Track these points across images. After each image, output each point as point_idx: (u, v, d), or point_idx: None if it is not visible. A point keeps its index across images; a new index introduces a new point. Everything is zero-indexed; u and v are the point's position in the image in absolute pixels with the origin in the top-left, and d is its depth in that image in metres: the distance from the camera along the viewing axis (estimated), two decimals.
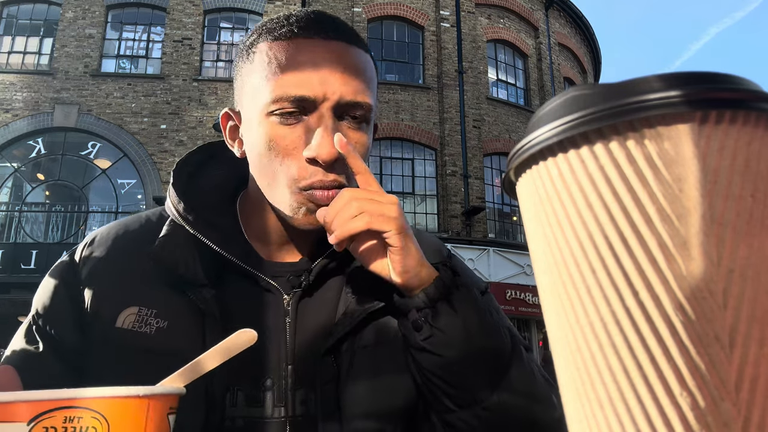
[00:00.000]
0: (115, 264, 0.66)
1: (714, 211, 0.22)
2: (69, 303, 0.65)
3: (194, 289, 0.63)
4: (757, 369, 0.21)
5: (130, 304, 0.63)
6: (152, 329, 0.62)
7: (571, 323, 0.24)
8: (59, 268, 0.68)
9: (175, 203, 0.67)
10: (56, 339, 0.64)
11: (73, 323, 0.64)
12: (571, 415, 0.25)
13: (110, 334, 0.62)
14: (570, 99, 0.24)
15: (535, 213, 0.26)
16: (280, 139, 0.60)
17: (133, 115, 10.95)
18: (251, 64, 0.64)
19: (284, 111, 0.60)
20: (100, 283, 0.65)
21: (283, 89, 0.60)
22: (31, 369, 0.61)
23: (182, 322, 0.63)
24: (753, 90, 0.23)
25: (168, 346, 0.61)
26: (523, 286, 11.39)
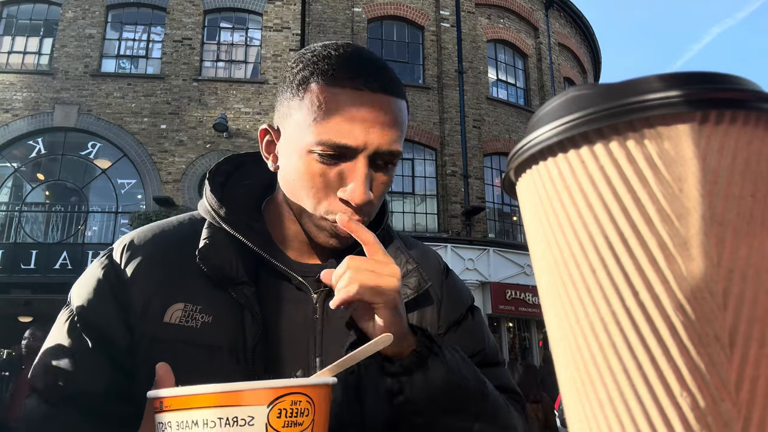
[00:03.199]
0: (158, 264, 0.71)
1: (714, 211, 0.22)
2: (114, 303, 0.69)
3: (235, 287, 0.69)
4: (757, 369, 0.21)
5: (176, 301, 0.68)
6: (198, 323, 0.67)
7: (571, 323, 0.24)
8: (99, 270, 0.71)
9: (216, 208, 0.73)
10: (103, 337, 0.67)
11: (120, 322, 0.68)
12: (571, 415, 0.25)
13: (159, 329, 0.67)
14: (570, 99, 0.24)
15: (535, 213, 0.26)
16: (318, 175, 0.67)
17: (133, 115, 10.95)
18: (300, 101, 0.69)
19: (326, 153, 0.66)
20: (146, 282, 0.69)
21: (329, 135, 0.65)
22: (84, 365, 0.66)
23: (224, 317, 0.68)
24: (753, 90, 0.23)
25: (212, 339, 0.66)
26: (523, 286, 11.39)
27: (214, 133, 10.83)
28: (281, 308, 0.71)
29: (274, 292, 0.72)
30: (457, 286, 0.88)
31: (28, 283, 10.19)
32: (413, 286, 0.76)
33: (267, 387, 0.46)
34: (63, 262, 10.14)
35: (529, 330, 12.03)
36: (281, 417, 0.46)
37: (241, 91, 11.27)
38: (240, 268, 0.70)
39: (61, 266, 10.13)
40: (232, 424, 0.44)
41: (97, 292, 0.70)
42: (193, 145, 10.84)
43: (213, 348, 0.66)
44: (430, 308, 0.80)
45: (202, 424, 0.45)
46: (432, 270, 0.84)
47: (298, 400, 0.47)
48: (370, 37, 12.29)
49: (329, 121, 0.65)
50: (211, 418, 0.44)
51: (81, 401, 0.65)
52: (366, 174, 0.66)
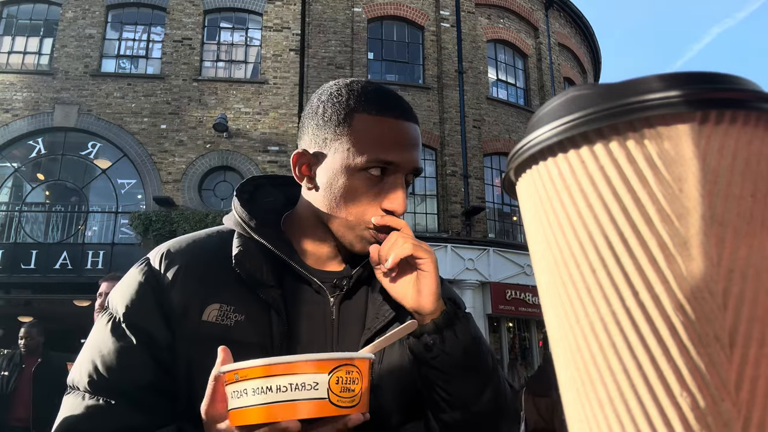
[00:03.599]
0: (195, 270, 0.80)
1: (714, 211, 0.22)
2: (156, 305, 0.77)
3: (264, 290, 0.78)
4: (757, 369, 0.21)
5: (213, 302, 0.77)
6: (232, 322, 0.76)
7: (571, 323, 0.24)
8: (140, 276, 0.80)
9: (248, 220, 0.83)
10: (147, 335, 0.75)
11: (162, 322, 0.76)
12: (571, 415, 0.25)
13: (198, 327, 0.75)
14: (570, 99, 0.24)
15: (535, 213, 0.26)
16: (367, 190, 0.79)
17: (133, 115, 10.95)
18: (349, 128, 0.80)
19: (374, 169, 0.78)
20: (186, 285, 0.78)
21: (377, 155, 0.78)
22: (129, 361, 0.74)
23: (254, 316, 0.77)
24: (753, 90, 0.23)
25: (244, 336, 0.75)
26: (523, 286, 11.39)
27: (214, 133, 10.83)
28: (303, 309, 0.81)
29: (296, 294, 0.81)
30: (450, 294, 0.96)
31: (28, 283, 10.19)
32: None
33: (328, 358, 0.56)
34: (63, 262, 10.14)
35: (529, 330, 12.03)
36: (339, 383, 0.56)
37: (241, 91, 11.27)
38: (268, 273, 0.79)
39: (61, 266, 10.13)
40: (301, 389, 0.54)
41: (139, 296, 0.78)
42: (193, 145, 10.84)
43: (245, 344, 0.73)
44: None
45: (276, 389, 0.54)
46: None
47: (351, 370, 0.57)
48: (370, 37, 12.30)
49: (377, 143, 0.78)
50: (283, 384, 0.54)
51: (128, 394, 0.72)
52: (402, 187, 0.80)
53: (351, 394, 0.56)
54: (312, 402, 0.54)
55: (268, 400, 0.54)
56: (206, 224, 9.82)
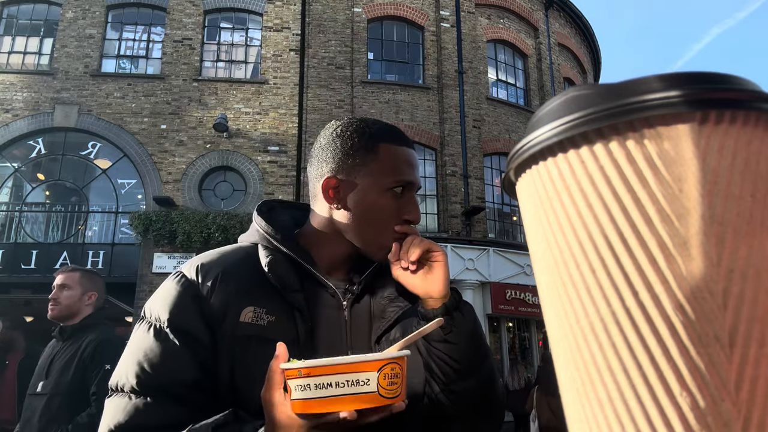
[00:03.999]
0: (230, 278, 0.91)
1: (714, 211, 0.22)
2: (198, 310, 0.87)
3: (290, 294, 0.90)
4: (757, 369, 0.21)
5: (248, 305, 0.88)
6: (265, 322, 0.87)
7: (571, 323, 0.24)
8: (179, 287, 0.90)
9: (273, 234, 0.97)
10: (191, 338, 0.85)
11: (203, 325, 0.86)
12: (571, 415, 0.25)
13: (237, 327, 0.86)
14: (570, 99, 0.24)
15: (534, 213, 0.26)
16: (391, 204, 0.95)
17: (133, 115, 10.94)
18: (375, 156, 0.96)
19: (398, 188, 0.95)
20: (224, 292, 0.89)
21: (401, 176, 0.95)
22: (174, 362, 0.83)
23: (282, 317, 0.89)
24: (753, 90, 0.22)
25: (275, 335, 0.82)
26: (523, 286, 11.39)
27: (214, 133, 10.83)
28: (321, 312, 0.93)
29: (316, 298, 0.93)
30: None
31: (28, 283, 10.19)
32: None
33: (377, 358, 0.66)
34: (63, 262, 10.14)
35: (529, 330, 12.02)
36: (385, 379, 0.66)
37: (241, 91, 11.27)
38: (294, 279, 0.92)
39: (62, 266, 10.12)
40: (355, 384, 0.64)
41: (181, 303, 0.87)
42: (193, 145, 10.84)
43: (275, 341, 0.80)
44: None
45: (335, 384, 0.64)
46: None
47: (394, 366, 0.67)
48: (370, 37, 12.30)
49: (400, 167, 0.95)
50: (341, 381, 0.64)
51: (173, 392, 0.81)
52: (416, 200, 0.98)
53: (394, 387, 0.67)
54: (365, 395, 0.65)
55: (329, 393, 0.64)
56: (206, 224, 9.84)
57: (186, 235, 9.80)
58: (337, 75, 11.71)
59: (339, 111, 11.37)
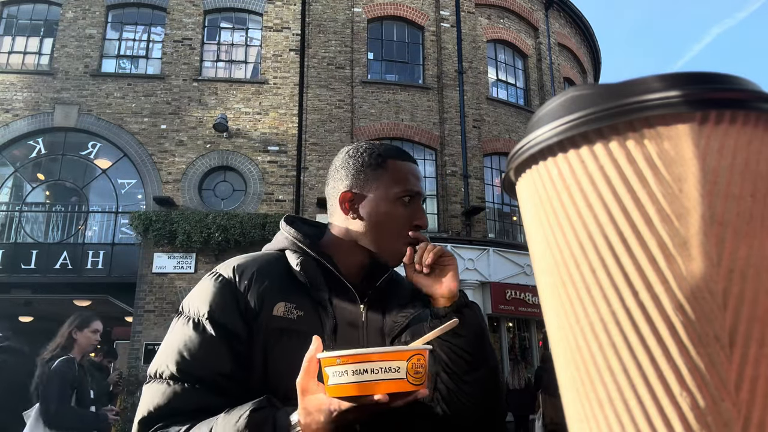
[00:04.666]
0: (263, 277, 1.00)
1: (714, 211, 0.22)
2: (236, 307, 0.95)
3: (317, 293, 1.00)
4: (757, 369, 0.21)
5: (280, 300, 0.97)
6: (295, 316, 0.96)
7: (571, 323, 0.24)
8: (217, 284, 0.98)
9: (302, 240, 1.07)
10: (228, 330, 0.93)
11: (241, 319, 0.94)
12: (571, 415, 0.25)
13: (270, 320, 0.95)
14: (570, 99, 0.24)
15: (534, 213, 0.26)
16: (402, 212, 1.05)
17: (133, 115, 10.94)
18: (384, 170, 1.07)
19: (406, 198, 1.05)
20: (259, 289, 0.98)
21: (408, 186, 1.06)
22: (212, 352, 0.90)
23: (310, 312, 0.98)
24: (753, 90, 0.22)
25: (303, 328, 0.94)
26: (523, 286, 11.39)
27: (214, 133, 10.83)
28: (342, 310, 1.02)
29: (339, 298, 1.03)
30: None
31: (29, 283, 10.19)
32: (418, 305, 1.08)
33: (406, 350, 0.75)
34: (63, 262, 10.14)
35: (529, 330, 12.02)
36: (413, 368, 0.74)
37: (241, 91, 11.27)
38: (321, 280, 1.01)
39: (62, 266, 10.13)
40: (388, 371, 0.73)
41: (220, 298, 0.96)
42: (193, 145, 10.84)
43: (306, 334, 0.87)
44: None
45: (371, 371, 0.72)
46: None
47: (420, 357, 0.75)
48: (370, 37, 12.29)
49: (407, 179, 1.07)
50: (375, 368, 0.73)
51: (209, 379, 0.89)
52: (422, 208, 1.08)
53: (419, 376, 0.75)
54: (395, 381, 0.73)
55: (364, 378, 0.72)
56: (206, 224, 9.84)
57: (186, 235, 9.79)
58: (337, 75, 11.71)
59: (339, 111, 11.37)
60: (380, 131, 11.47)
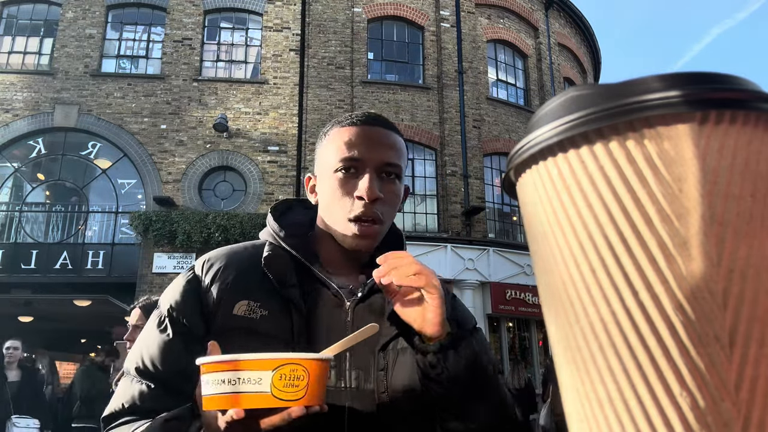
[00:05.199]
0: (231, 271, 0.92)
1: (714, 211, 0.22)
2: (197, 303, 0.90)
3: (288, 290, 0.89)
4: (757, 369, 0.21)
5: (242, 298, 0.89)
6: (258, 316, 0.87)
7: (571, 323, 0.24)
8: (184, 280, 0.93)
9: (277, 231, 0.98)
10: (186, 327, 0.88)
11: (200, 316, 0.89)
12: (571, 415, 0.25)
13: (230, 319, 0.87)
14: (570, 99, 0.24)
15: (534, 213, 0.26)
16: (342, 186, 0.92)
17: (133, 115, 10.94)
18: (325, 142, 0.97)
19: (345, 168, 0.92)
20: (220, 285, 0.91)
21: (345, 154, 0.92)
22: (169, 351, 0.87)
23: (278, 312, 0.88)
24: (753, 90, 0.22)
25: (268, 329, 0.86)
26: (523, 286, 11.38)
27: (214, 133, 10.83)
28: (322, 310, 0.91)
29: (316, 296, 0.92)
30: (462, 307, 1.04)
31: (29, 283, 10.19)
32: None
33: (271, 357, 0.65)
34: (63, 262, 10.14)
35: (529, 330, 12.02)
36: (282, 379, 0.64)
37: (241, 91, 11.26)
38: (291, 275, 0.91)
39: (62, 266, 10.13)
40: (246, 382, 0.64)
41: (182, 296, 0.91)
42: (193, 145, 10.84)
43: (268, 336, 0.84)
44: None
45: (227, 381, 0.64)
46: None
47: (295, 368, 0.65)
48: (370, 37, 12.29)
49: (345, 146, 0.93)
50: (232, 378, 0.64)
51: (164, 379, 0.85)
52: (372, 177, 0.91)
53: (294, 390, 0.65)
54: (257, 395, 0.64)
55: (222, 390, 0.64)
56: (206, 224, 9.84)
57: (186, 235, 9.80)
58: (337, 75, 11.71)
59: (339, 111, 11.37)
60: None
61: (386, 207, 0.92)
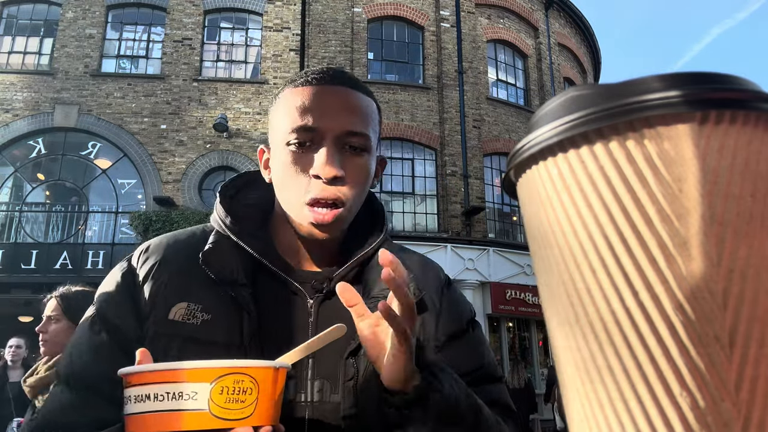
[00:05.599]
0: (168, 267, 0.78)
1: (714, 211, 0.22)
2: (130, 300, 0.76)
3: (235, 288, 0.75)
4: (757, 369, 0.21)
5: (180, 300, 0.75)
6: (198, 321, 0.73)
7: (571, 323, 0.24)
8: (118, 272, 0.80)
9: (222, 217, 0.81)
10: (120, 329, 0.75)
11: (133, 316, 0.75)
12: (571, 415, 0.25)
13: (164, 325, 0.73)
14: (570, 99, 0.24)
15: (535, 213, 0.26)
16: (295, 162, 0.75)
17: (133, 115, 10.95)
18: (276, 107, 0.80)
19: (299, 140, 0.75)
20: (156, 282, 0.77)
21: (298, 123, 0.75)
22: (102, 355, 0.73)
23: (223, 315, 0.74)
24: (753, 90, 0.23)
25: (211, 335, 0.72)
26: (523, 286, 11.39)
27: (214, 133, 10.83)
28: (277, 310, 0.77)
29: (271, 294, 0.78)
30: (457, 299, 0.90)
31: (28, 283, 10.19)
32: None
33: (209, 366, 0.52)
34: (63, 262, 10.14)
35: (529, 330, 12.02)
36: (223, 393, 0.52)
37: (241, 91, 11.27)
38: (240, 271, 0.76)
39: (62, 266, 10.13)
40: (178, 398, 0.51)
41: (114, 292, 0.78)
42: (193, 145, 10.84)
43: (212, 344, 0.71)
44: (426, 317, 0.82)
45: (153, 397, 0.51)
46: (432, 281, 0.88)
47: (241, 379, 0.53)
48: (370, 37, 12.29)
49: (296, 111, 0.75)
50: (161, 393, 0.51)
51: (100, 388, 0.71)
52: (331, 151, 0.74)
53: (241, 406, 0.52)
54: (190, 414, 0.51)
55: (145, 409, 0.51)
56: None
57: None
58: None
59: None
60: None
61: (351, 186, 0.75)
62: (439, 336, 0.82)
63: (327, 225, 0.75)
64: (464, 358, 0.82)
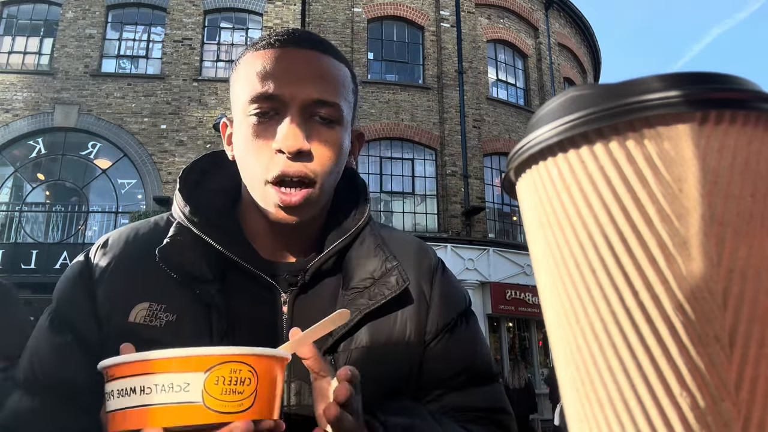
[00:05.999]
0: (127, 264, 0.71)
1: (714, 211, 0.22)
2: (87, 299, 0.70)
3: (201, 285, 0.68)
4: (757, 369, 0.21)
5: (141, 300, 0.68)
6: (162, 323, 0.67)
7: (571, 323, 0.24)
8: (75, 268, 0.73)
9: (182, 207, 0.73)
10: (77, 331, 0.69)
11: (91, 317, 0.69)
12: (571, 414, 0.25)
13: (123, 328, 0.66)
14: (570, 99, 0.24)
15: (535, 213, 0.26)
16: (256, 135, 0.67)
17: (133, 115, 10.95)
18: (236, 74, 0.71)
19: (260, 110, 0.67)
20: (113, 281, 0.70)
21: (258, 90, 0.66)
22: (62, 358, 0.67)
23: (190, 315, 0.67)
24: (753, 90, 0.23)
25: (176, 338, 0.64)
26: (523, 286, 11.39)
27: (214, 133, 10.83)
28: (248, 306, 0.70)
29: (241, 290, 0.71)
30: (451, 285, 0.82)
31: (29, 283, 10.18)
32: (392, 286, 0.71)
33: (202, 354, 0.47)
34: (63, 262, 10.14)
35: (529, 330, 12.02)
36: (219, 384, 0.46)
37: None
38: (204, 266, 0.69)
39: (62, 266, 10.12)
40: (168, 390, 0.45)
41: (71, 289, 0.71)
42: (193, 145, 10.84)
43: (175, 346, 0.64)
44: (414, 309, 0.75)
45: (139, 390, 0.46)
46: (422, 266, 0.80)
47: (238, 368, 0.47)
48: (370, 37, 12.29)
49: (258, 78, 0.67)
50: (148, 385, 0.45)
51: (62, 393, 0.66)
52: (296, 122, 0.66)
53: (238, 398, 0.47)
54: (181, 407, 0.45)
55: (130, 404, 0.46)
56: None
57: None
58: None
59: None
60: (380, 131, 11.46)
61: (320, 162, 0.67)
62: (429, 330, 0.76)
63: (295, 207, 0.67)
64: (455, 355, 0.76)
